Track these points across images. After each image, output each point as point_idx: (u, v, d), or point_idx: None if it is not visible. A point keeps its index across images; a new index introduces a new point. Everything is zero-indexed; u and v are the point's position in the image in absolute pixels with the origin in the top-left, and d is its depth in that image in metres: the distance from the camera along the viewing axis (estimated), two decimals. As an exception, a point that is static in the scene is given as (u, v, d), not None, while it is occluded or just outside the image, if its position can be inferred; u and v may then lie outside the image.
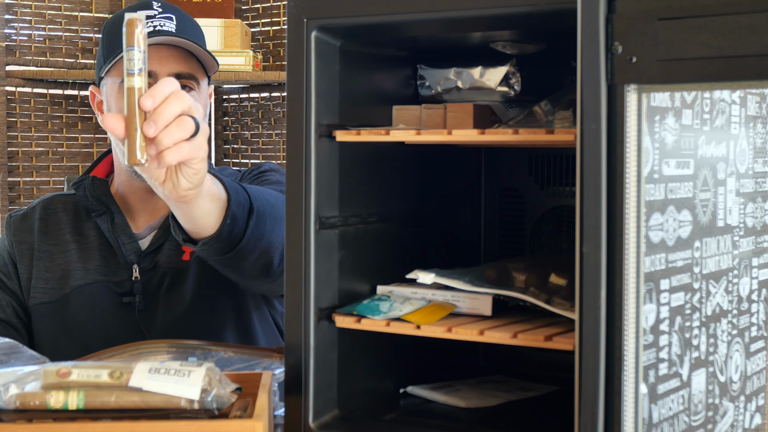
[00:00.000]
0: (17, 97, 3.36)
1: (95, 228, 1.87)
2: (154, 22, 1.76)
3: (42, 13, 3.40)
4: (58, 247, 1.87)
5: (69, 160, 3.46)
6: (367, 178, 1.41)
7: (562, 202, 1.60)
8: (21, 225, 1.91)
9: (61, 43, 3.43)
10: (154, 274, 1.83)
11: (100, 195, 1.86)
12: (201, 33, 1.86)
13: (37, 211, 1.92)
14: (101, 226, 1.85)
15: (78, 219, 1.89)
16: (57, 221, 1.90)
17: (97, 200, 1.85)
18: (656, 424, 1.12)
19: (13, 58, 3.37)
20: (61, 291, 1.84)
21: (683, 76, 1.02)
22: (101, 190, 1.86)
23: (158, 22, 1.76)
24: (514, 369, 1.58)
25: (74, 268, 1.84)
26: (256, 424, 1.13)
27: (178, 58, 1.78)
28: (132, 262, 1.83)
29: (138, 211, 1.87)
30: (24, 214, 1.93)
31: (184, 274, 1.83)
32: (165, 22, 1.77)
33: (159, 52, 1.76)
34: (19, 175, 3.38)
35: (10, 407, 1.16)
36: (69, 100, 3.47)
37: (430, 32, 1.32)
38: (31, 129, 3.40)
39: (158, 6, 1.80)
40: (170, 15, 1.79)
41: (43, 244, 1.88)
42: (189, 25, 1.82)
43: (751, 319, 1.35)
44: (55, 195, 1.95)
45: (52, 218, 1.90)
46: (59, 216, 1.90)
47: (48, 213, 1.91)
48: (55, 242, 1.88)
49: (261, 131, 3.53)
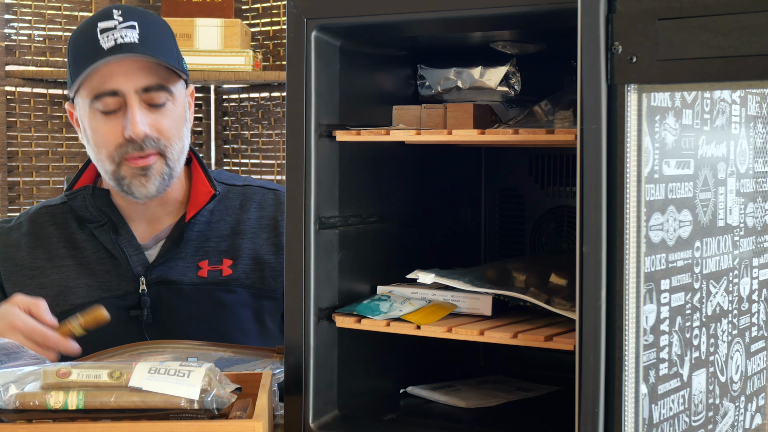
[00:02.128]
0: (17, 97, 3.35)
1: (91, 239, 1.79)
2: (115, 34, 1.67)
3: (42, 13, 3.40)
4: (51, 262, 1.79)
5: (69, 160, 3.46)
6: (367, 178, 1.40)
7: (562, 202, 1.60)
8: (7, 240, 1.83)
9: (61, 43, 3.43)
10: (164, 287, 1.76)
11: (102, 206, 1.78)
12: (168, 34, 1.76)
13: (24, 225, 1.83)
14: (100, 237, 1.77)
15: (69, 231, 1.81)
16: (47, 235, 1.81)
17: (99, 211, 1.78)
18: (656, 425, 1.12)
19: (13, 58, 3.37)
20: (58, 308, 1.72)
21: (683, 76, 1.02)
22: (103, 201, 1.79)
23: (119, 34, 1.67)
24: (514, 369, 1.58)
25: (74, 285, 1.77)
26: (256, 424, 1.13)
27: (145, 69, 1.69)
28: (139, 274, 1.75)
29: (137, 222, 1.80)
30: (10, 228, 1.84)
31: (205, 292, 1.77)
32: (127, 33, 1.67)
33: (122, 66, 1.68)
34: (19, 175, 3.38)
35: (9, 407, 1.16)
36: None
37: (430, 32, 1.32)
38: (30, 129, 3.40)
39: (119, 15, 1.70)
40: (132, 23, 1.69)
41: (36, 260, 1.80)
42: (153, 30, 1.72)
43: (752, 319, 1.35)
44: (40, 207, 1.87)
45: (41, 232, 1.82)
46: (48, 230, 1.82)
47: (36, 227, 1.82)
48: (49, 257, 1.79)
49: (261, 131, 3.52)
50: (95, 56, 1.67)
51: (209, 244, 1.81)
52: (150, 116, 1.71)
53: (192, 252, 1.79)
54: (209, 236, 1.81)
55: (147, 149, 1.70)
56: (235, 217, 1.84)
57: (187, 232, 1.79)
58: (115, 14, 1.70)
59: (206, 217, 1.82)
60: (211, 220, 1.83)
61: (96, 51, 1.67)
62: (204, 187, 1.82)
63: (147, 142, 1.70)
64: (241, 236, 1.82)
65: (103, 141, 1.72)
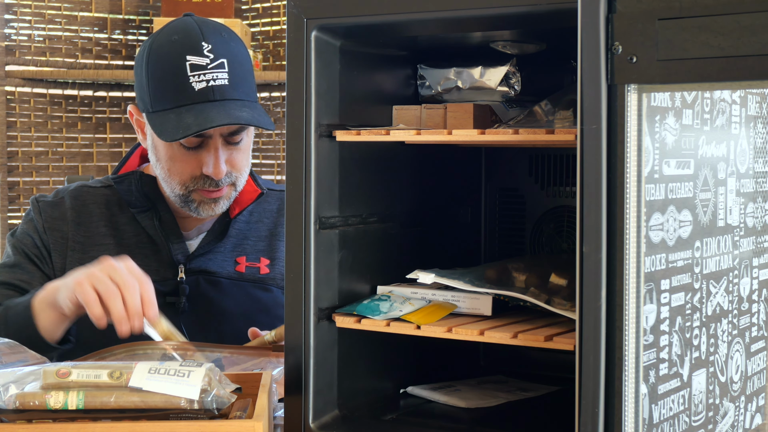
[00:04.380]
0: (17, 97, 3.36)
1: (132, 223, 1.81)
2: (207, 75, 1.65)
3: (42, 13, 3.40)
4: (91, 240, 1.80)
5: (68, 160, 3.46)
6: (367, 178, 1.40)
7: (562, 202, 1.60)
8: (53, 212, 1.83)
9: (61, 43, 3.43)
10: (202, 278, 1.79)
11: (149, 192, 1.80)
12: (249, 66, 1.73)
13: (67, 200, 1.84)
14: (143, 223, 1.79)
15: (111, 213, 1.82)
16: (89, 213, 1.83)
17: (145, 196, 1.79)
18: (657, 425, 1.12)
19: (13, 58, 3.37)
20: None
21: (683, 76, 1.02)
22: (150, 187, 1.80)
23: (211, 76, 1.66)
24: (514, 369, 1.58)
25: None
26: (256, 424, 1.13)
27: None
28: (179, 262, 1.78)
29: (181, 212, 1.81)
30: (54, 202, 1.84)
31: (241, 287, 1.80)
32: (217, 75, 1.66)
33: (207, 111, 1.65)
34: (19, 175, 3.38)
35: (9, 407, 1.16)
36: (68, 100, 3.47)
37: (430, 32, 1.32)
38: (30, 129, 3.40)
39: (209, 51, 1.66)
40: (222, 60, 1.67)
41: (77, 235, 1.81)
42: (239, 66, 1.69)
43: (752, 319, 1.35)
44: (80, 185, 1.87)
45: (83, 209, 1.83)
46: (90, 208, 1.83)
47: (78, 203, 1.83)
48: (89, 234, 1.81)
49: (261, 131, 3.53)
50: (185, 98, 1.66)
51: (248, 242, 1.86)
52: (227, 152, 1.74)
53: (231, 248, 1.83)
54: (248, 235, 1.86)
55: (222, 185, 1.75)
56: (273, 220, 1.90)
57: (230, 229, 1.83)
58: (204, 49, 1.67)
59: (246, 217, 1.88)
60: (251, 221, 1.88)
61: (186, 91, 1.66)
62: (250, 186, 1.86)
63: (223, 179, 1.74)
64: (278, 238, 1.88)
65: (179, 171, 1.74)
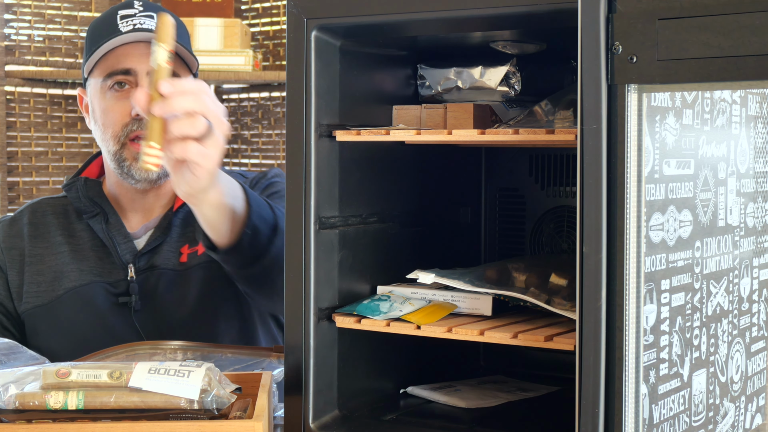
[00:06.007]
0: (16, 97, 3.35)
1: (87, 229, 1.85)
2: (134, 20, 1.76)
3: (41, 13, 3.40)
4: (49, 250, 1.85)
5: (68, 160, 3.46)
6: (367, 178, 1.40)
7: (562, 202, 1.60)
8: (10, 231, 1.88)
9: (61, 43, 3.43)
10: (150, 274, 1.81)
11: (93, 196, 1.84)
12: (184, 31, 1.84)
13: (25, 215, 1.89)
14: (94, 227, 1.83)
15: (68, 221, 1.87)
16: (46, 224, 1.88)
17: (90, 201, 1.84)
18: (657, 425, 1.12)
19: (13, 57, 3.37)
20: (53, 293, 1.81)
21: (684, 76, 1.02)
22: (94, 191, 1.85)
23: (138, 21, 1.76)
24: (514, 369, 1.58)
25: (67, 270, 1.82)
26: (256, 425, 1.13)
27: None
28: (128, 261, 1.81)
29: (131, 211, 1.86)
30: (12, 219, 1.91)
31: (185, 276, 1.81)
32: (145, 21, 1.76)
33: (138, 49, 1.76)
34: (19, 175, 3.38)
35: (9, 407, 1.16)
36: (68, 100, 3.47)
37: (430, 32, 1.32)
38: (30, 129, 3.40)
39: (140, 5, 1.79)
40: (151, 14, 1.78)
41: (34, 248, 1.85)
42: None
43: (752, 320, 1.35)
44: (42, 198, 1.93)
45: (41, 221, 1.88)
46: (48, 218, 1.88)
47: (37, 216, 1.89)
48: (46, 245, 1.85)
49: (261, 131, 3.53)
50: (112, 36, 1.75)
51: (190, 229, 1.86)
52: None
53: (176, 238, 1.84)
54: (190, 221, 1.85)
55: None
56: None
57: (174, 220, 1.84)
58: (135, 4, 1.79)
59: (188, 207, 1.85)
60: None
61: (114, 33, 1.75)
62: None
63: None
64: None
65: (111, 120, 1.78)
